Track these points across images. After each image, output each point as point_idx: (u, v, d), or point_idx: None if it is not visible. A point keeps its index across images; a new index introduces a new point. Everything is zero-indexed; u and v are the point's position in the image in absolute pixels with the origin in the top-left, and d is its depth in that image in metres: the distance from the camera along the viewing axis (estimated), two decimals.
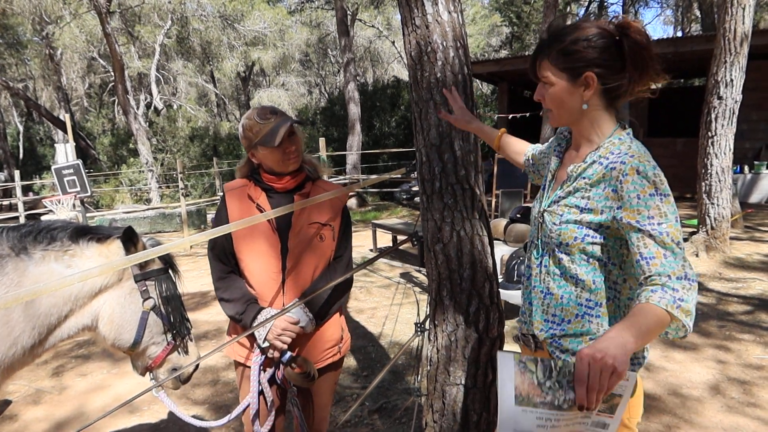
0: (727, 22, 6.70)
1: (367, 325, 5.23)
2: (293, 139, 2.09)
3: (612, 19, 1.50)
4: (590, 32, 1.47)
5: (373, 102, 22.63)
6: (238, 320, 2.09)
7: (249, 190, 2.14)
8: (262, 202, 2.11)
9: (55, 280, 1.58)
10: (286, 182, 2.13)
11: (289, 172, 2.12)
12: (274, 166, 2.09)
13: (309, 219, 2.12)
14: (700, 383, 3.85)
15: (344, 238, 2.23)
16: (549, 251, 1.61)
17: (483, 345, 2.28)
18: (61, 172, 9.30)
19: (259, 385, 2.11)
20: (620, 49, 1.45)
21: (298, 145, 2.10)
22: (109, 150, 23.43)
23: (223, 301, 2.13)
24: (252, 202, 2.12)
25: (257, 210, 2.10)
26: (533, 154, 1.99)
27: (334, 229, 2.18)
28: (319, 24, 27.23)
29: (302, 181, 2.18)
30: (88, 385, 4.33)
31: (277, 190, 2.14)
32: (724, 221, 7.12)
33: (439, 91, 2.20)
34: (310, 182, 2.20)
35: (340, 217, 2.21)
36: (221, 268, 2.16)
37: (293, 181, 2.15)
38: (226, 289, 2.12)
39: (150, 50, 24.68)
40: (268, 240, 2.09)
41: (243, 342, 2.17)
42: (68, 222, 1.94)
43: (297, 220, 2.11)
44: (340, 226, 2.21)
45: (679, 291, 1.30)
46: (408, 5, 2.20)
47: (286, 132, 2.02)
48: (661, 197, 1.39)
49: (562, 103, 1.54)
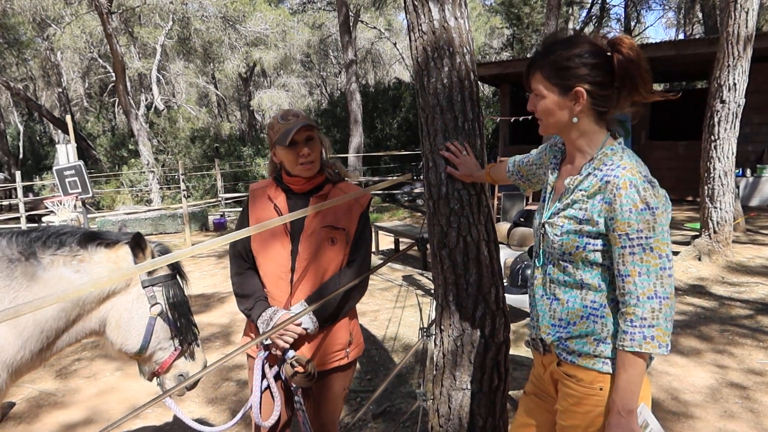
0: (730, 25, 6.71)
1: (369, 327, 5.23)
2: (311, 144, 2.13)
3: (606, 35, 1.56)
4: (583, 48, 1.53)
5: (375, 103, 22.63)
6: (248, 315, 2.18)
7: (270, 191, 2.23)
8: (280, 203, 2.18)
9: (68, 289, 1.59)
10: (303, 184, 2.18)
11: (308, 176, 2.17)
12: (288, 167, 2.16)
13: (323, 222, 2.16)
14: (701, 388, 3.85)
15: (359, 244, 2.24)
16: (553, 260, 1.66)
17: (489, 350, 2.28)
18: (62, 173, 9.30)
19: (262, 380, 2.16)
20: (611, 65, 1.51)
21: (314, 151, 2.14)
22: (109, 151, 23.44)
23: (236, 295, 2.22)
24: (271, 202, 2.20)
25: (275, 211, 2.17)
26: (518, 166, 2.06)
27: (348, 234, 2.19)
28: (321, 25, 27.25)
29: (321, 183, 2.22)
30: (91, 387, 4.33)
31: (294, 191, 2.20)
32: (726, 225, 7.13)
33: (446, 97, 2.20)
34: (330, 185, 2.24)
35: (357, 222, 2.23)
36: (240, 264, 2.24)
37: (310, 183, 2.19)
38: (240, 284, 2.21)
39: (151, 51, 24.68)
40: (280, 240, 2.15)
41: (252, 337, 2.24)
42: (77, 227, 1.95)
43: (310, 223, 2.15)
44: (355, 232, 2.22)
45: (647, 319, 1.45)
46: (415, 11, 2.20)
47: (299, 133, 2.08)
48: (652, 211, 1.44)
49: (552, 115, 1.60)
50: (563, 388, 1.65)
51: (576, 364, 1.60)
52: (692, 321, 5.13)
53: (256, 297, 2.15)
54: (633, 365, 1.48)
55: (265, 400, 2.19)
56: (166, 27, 22.67)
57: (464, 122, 2.23)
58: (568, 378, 1.63)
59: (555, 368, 1.68)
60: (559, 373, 1.66)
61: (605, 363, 1.56)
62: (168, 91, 27.61)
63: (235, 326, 5.61)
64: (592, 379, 1.57)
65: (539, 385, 1.81)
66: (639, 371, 1.48)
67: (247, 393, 2.19)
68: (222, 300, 6.64)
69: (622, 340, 1.49)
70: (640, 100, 1.56)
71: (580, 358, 1.59)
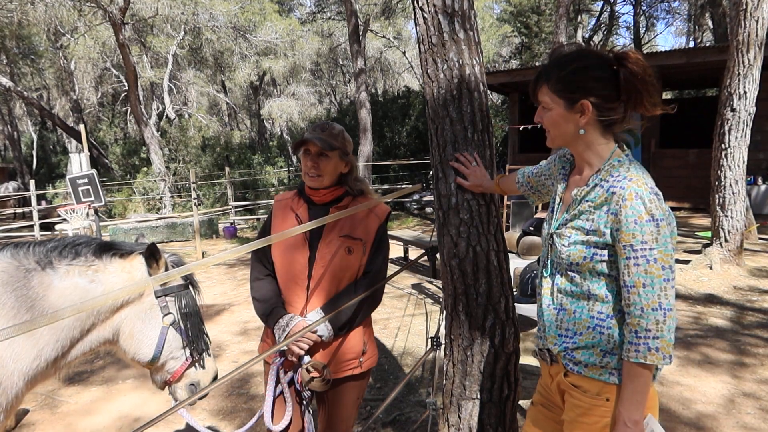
0: (740, 33, 6.70)
1: (379, 336, 5.24)
2: (322, 159, 2.20)
3: (614, 47, 1.58)
4: (590, 62, 1.56)
5: (384, 112, 22.72)
6: (265, 321, 2.24)
7: (293, 202, 2.32)
8: (302, 213, 2.27)
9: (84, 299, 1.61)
10: (323, 195, 2.26)
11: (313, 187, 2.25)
12: (303, 173, 2.26)
13: (341, 232, 2.21)
14: (714, 398, 3.82)
15: (376, 255, 2.27)
16: (561, 270, 1.68)
17: (499, 360, 2.29)
18: (75, 181, 9.41)
19: (276, 385, 2.21)
20: (617, 78, 1.53)
21: (322, 166, 2.20)
22: (121, 159, 23.64)
23: (254, 299, 2.29)
24: (292, 212, 2.29)
25: (296, 220, 2.26)
26: (528, 177, 2.08)
27: (365, 245, 2.23)
28: (330, 34, 27.41)
29: (341, 195, 2.28)
30: (100, 395, 4.36)
31: (315, 202, 2.28)
32: (737, 233, 7.09)
33: (456, 108, 2.23)
34: (350, 197, 2.29)
35: (375, 233, 2.27)
36: (259, 270, 2.31)
37: (330, 195, 2.27)
38: (258, 289, 2.28)
39: (162, 60, 24.91)
40: (299, 248, 2.22)
41: (269, 343, 2.31)
42: (92, 238, 1.98)
43: (328, 232, 2.21)
44: (372, 243, 2.26)
45: (652, 330, 1.46)
46: (425, 23, 2.23)
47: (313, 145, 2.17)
48: (657, 222, 1.46)
49: (558, 127, 1.63)
50: (570, 398, 1.66)
51: (583, 375, 1.61)
52: (704, 330, 5.09)
53: (273, 303, 2.22)
54: (639, 376, 1.50)
55: (278, 406, 2.23)
56: (178, 37, 22.89)
57: (474, 133, 2.25)
58: (575, 388, 1.63)
59: (562, 379, 1.69)
60: (566, 384, 1.67)
61: (612, 374, 1.57)
62: (179, 100, 27.84)
63: (246, 335, 5.63)
64: (599, 389, 1.58)
65: (547, 396, 1.82)
66: (645, 382, 1.50)
67: (257, 403, 2.20)
68: (232, 310, 6.67)
69: (627, 351, 1.51)
70: (645, 114, 1.58)
71: (587, 368, 1.60)
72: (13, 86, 20.87)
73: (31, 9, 18.80)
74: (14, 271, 1.78)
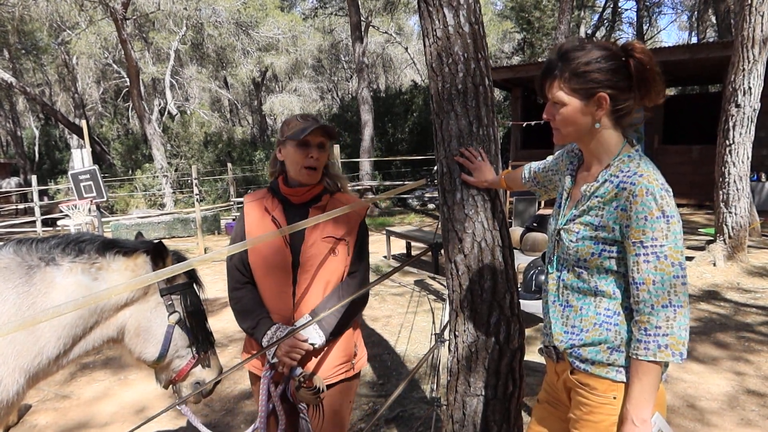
0: (745, 29, 6.66)
1: (382, 333, 5.23)
2: (321, 151, 2.09)
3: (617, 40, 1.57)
4: (599, 54, 1.54)
5: (386, 108, 22.67)
6: (251, 334, 2.08)
7: (266, 202, 2.14)
8: (278, 215, 2.10)
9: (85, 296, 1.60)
10: (302, 194, 2.12)
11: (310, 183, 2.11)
12: (290, 167, 2.10)
13: (323, 233, 2.08)
14: (718, 395, 3.81)
15: (360, 254, 2.18)
16: (568, 267, 1.66)
17: (504, 356, 2.27)
18: (77, 177, 9.40)
19: (268, 399, 2.07)
20: (627, 69, 1.52)
21: (322, 158, 2.10)
22: (123, 155, 23.66)
23: (236, 312, 2.12)
24: (268, 214, 2.11)
25: (273, 223, 2.09)
26: (535, 172, 2.06)
27: (348, 244, 2.13)
28: (332, 30, 27.38)
29: (319, 193, 2.16)
30: (102, 391, 4.36)
31: (292, 202, 2.13)
32: (741, 230, 7.06)
33: (461, 102, 2.20)
34: (328, 195, 2.17)
35: (357, 231, 2.17)
36: (237, 278, 2.14)
37: (309, 194, 2.13)
38: (239, 300, 2.11)
39: (164, 56, 24.90)
40: (279, 253, 2.07)
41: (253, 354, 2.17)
42: (96, 235, 1.96)
43: (311, 234, 2.07)
44: (356, 241, 2.16)
45: (662, 328, 1.44)
46: (429, 17, 2.21)
47: (314, 136, 2.05)
48: (667, 219, 1.45)
49: (574, 123, 1.59)
50: (576, 396, 1.64)
51: (589, 373, 1.59)
52: (708, 327, 5.07)
53: (258, 314, 2.06)
54: (647, 374, 1.48)
55: (271, 422, 2.12)
56: (180, 32, 22.88)
57: (479, 128, 2.23)
58: (582, 386, 1.61)
59: (568, 376, 1.67)
60: (572, 382, 1.65)
61: (619, 371, 1.55)
62: (181, 96, 27.82)
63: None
64: (606, 387, 1.56)
65: (552, 393, 1.80)
66: (653, 380, 1.48)
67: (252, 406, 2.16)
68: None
69: (636, 348, 1.48)
70: (650, 104, 1.57)
71: (594, 366, 1.58)
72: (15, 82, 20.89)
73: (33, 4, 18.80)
74: (17, 267, 1.76)
